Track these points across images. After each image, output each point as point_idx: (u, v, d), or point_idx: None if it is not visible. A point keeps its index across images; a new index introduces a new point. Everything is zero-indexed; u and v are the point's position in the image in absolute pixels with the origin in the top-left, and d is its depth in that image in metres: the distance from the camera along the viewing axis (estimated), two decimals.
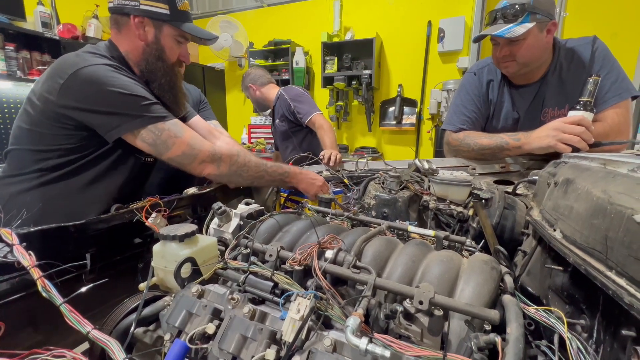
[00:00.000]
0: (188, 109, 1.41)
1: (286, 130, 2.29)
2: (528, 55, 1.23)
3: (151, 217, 0.92)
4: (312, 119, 2.07)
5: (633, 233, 0.41)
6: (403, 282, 0.58)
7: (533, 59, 1.25)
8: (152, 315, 0.62)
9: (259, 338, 0.50)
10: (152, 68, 1.12)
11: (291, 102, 2.16)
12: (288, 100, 2.16)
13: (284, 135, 2.34)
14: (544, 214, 0.72)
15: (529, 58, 1.24)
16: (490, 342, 0.44)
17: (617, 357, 0.46)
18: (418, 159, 1.25)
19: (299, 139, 2.27)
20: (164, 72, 1.13)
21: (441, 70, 3.57)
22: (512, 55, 1.24)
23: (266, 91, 2.31)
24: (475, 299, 0.53)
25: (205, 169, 1.09)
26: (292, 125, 2.25)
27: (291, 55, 3.98)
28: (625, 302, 0.39)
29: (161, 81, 1.13)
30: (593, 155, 0.68)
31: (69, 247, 0.83)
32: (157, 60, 1.11)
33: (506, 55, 1.26)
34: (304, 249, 0.63)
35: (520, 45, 1.21)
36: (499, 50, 1.27)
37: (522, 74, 1.31)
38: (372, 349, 0.42)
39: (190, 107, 1.43)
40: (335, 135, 2.03)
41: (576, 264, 0.52)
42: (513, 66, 1.27)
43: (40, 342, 0.52)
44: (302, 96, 2.18)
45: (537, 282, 0.73)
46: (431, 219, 1.04)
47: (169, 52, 1.12)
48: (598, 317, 0.52)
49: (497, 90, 1.40)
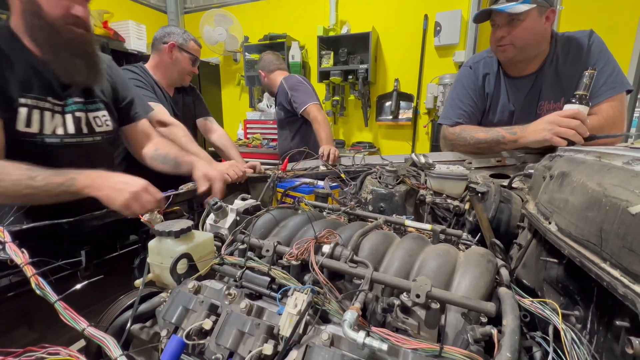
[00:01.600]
0: (138, 109, 1.27)
1: (282, 119, 2.28)
2: (525, 39, 1.23)
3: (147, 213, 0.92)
4: (306, 109, 2.02)
5: (628, 225, 0.41)
6: (400, 276, 0.58)
7: (530, 43, 1.24)
8: (149, 312, 0.62)
9: (256, 333, 0.50)
10: (31, 28, 0.95)
11: (289, 90, 2.11)
12: (286, 89, 2.12)
13: (280, 124, 2.33)
14: (539, 207, 0.72)
15: (526, 42, 1.24)
16: (487, 334, 0.45)
17: (610, 347, 0.47)
18: (415, 154, 1.25)
19: (293, 129, 2.24)
20: (46, 31, 0.95)
21: (437, 65, 3.56)
22: (510, 38, 1.24)
23: (273, 78, 2.26)
24: (472, 292, 0.53)
25: None
26: (289, 115, 2.20)
27: (287, 49, 3.95)
28: (619, 293, 0.39)
29: (41, 41, 0.97)
30: (588, 149, 0.69)
31: (64, 244, 0.82)
32: (34, 18, 0.94)
33: (504, 37, 1.25)
34: (301, 244, 0.63)
35: (519, 27, 1.21)
36: (498, 31, 1.27)
37: (518, 62, 1.31)
38: (369, 342, 0.42)
39: (141, 106, 1.29)
40: (330, 129, 2.00)
41: (571, 256, 0.52)
42: (510, 50, 1.27)
43: (36, 340, 0.52)
44: (300, 85, 2.13)
45: (533, 275, 0.74)
46: (428, 213, 1.05)
47: (47, 5, 0.93)
48: (592, 308, 0.52)
49: (494, 83, 1.40)
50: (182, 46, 1.68)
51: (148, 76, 1.65)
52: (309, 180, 1.30)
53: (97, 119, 1.13)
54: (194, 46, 1.74)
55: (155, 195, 0.90)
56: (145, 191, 0.88)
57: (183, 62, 1.71)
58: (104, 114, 1.15)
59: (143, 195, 0.87)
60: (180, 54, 1.68)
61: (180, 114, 1.76)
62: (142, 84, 1.58)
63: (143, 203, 0.86)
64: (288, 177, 1.36)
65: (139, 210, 0.85)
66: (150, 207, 0.87)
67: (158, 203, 0.91)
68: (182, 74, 1.73)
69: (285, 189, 1.25)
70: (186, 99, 1.84)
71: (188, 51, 1.70)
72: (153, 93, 1.60)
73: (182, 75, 1.73)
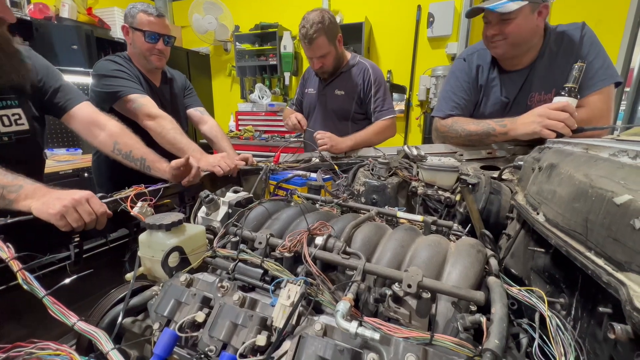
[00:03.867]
0: (71, 95, 1.17)
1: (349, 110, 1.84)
2: (518, 35, 1.23)
3: (137, 206, 0.90)
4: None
5: (613, 215, 0.43)
6: (392, 267, 0.58)
7: (522, 39, 1.25)
8: (140, 305, 0.62)
9: (250, 325, 0.50)
10: None
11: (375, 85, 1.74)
12: (373, 78, 1.75)
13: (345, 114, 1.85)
14: (528, 198, 0.74)
15: (519, 38, 1.24)
16: (476, 322, 0.46)
17: (593, 332, 0.49)
18: (407, 146, 1.26)
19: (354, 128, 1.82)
20: None
21: (430, 56, 3.56)
22: (502, 35, 1.24)
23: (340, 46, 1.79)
24: (462, 282, 0.54)
25: None
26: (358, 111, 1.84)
27: (279, 39, 3.87)
28: (603, 280, 0.41)
29: None
30: (576, 141, 0.70)
31: (51, 239, 0.81)
32: None
33: (496, 35, 1.25)
34: (293, 236, 0.63)
35: (510, 24, 1.21)
36: (490, 28, 1.27)
37: (511, 57, 1.32)
38: (362, 332, 0.42)
39: (72, 93, 1.18)
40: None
41: (558, 246, 0.53)
42: (502, 46, 1.28)
43: (25, 336, 0.51)
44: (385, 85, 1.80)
45: (520, 264, 0.76)
46: (419, 204, 1.06)
47: None
48: (577, 296, 0.54)
49: (487, 75, 1.41)
50: (132, 25, 1.47)
51: (132, 66, 1.54)
52: (302, 173, 1.30)
53: (4, 118, 1.02)
54: (144, 18, 1.46)
55: (97, 208, 0.82)
56: (86, 202, 0.80)
57: (138, 41, 1.49)
58: (15, 112, 1.05)
59: (83, 206, 0.79)
60: (134, 34, 1.48)
61: (168, 105, 1.66)
62: (127, 75, 1.47)
63: (80, 214, 0.78)
64: (280, 169, 1.36)
65: (74, 222, 0.77)
66: (89, 220, 0.79)
67: (101, 217, 0.82)
68: (146, 56, 1.51)
69: (278, 181, 1.25)
70: (174, 89, 1.73)
71: (138, 28, 1.46)
72: (139, 84, 1.50)
73: (146, 57, 1.52)
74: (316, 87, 1.93)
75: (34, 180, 0.84)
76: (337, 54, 1.75)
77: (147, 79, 1.60)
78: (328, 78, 1.85)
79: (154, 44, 1.50)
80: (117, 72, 1.46)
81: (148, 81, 1.60)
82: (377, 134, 1.74)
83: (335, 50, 1.72)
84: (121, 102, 1.42)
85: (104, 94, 1.43)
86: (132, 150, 1.17)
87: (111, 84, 1.43)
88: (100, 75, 1.45)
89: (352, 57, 1.85)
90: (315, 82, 1.94)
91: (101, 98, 1.43)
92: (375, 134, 1.74)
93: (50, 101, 1.14)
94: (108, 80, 1.43)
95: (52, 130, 3.07)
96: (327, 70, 1.79)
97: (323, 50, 1.67)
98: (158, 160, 1.16)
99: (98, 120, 1.19)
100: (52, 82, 1.14)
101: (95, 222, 0.82)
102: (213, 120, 1.80)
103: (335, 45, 1.71)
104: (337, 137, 1.61)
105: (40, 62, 1.15)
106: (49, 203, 0.77)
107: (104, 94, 1.43)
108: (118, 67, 1.48)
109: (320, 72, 1.84)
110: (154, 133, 1.39)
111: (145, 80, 1.59)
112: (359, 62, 1.82)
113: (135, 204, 0.91)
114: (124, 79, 1.45)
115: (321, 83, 1.90)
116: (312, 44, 1.64)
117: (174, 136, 1.38)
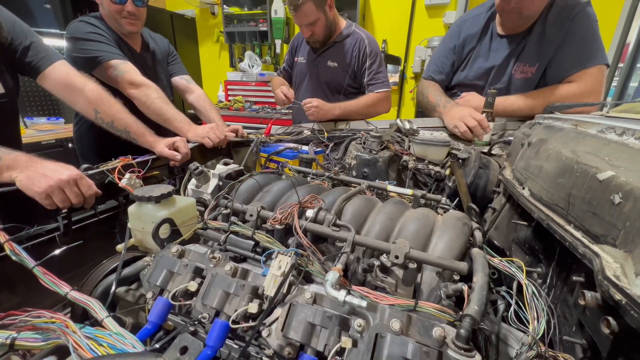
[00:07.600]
0: (44, 53, 1.07)
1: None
2: (534, 9, 1.23)
3: (125, 178, 0.89)
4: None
5: (594, 190, 0.44)
6: (381, 239, 0.60)
7: (537, 11, 1.26)
8: (133, 275, 0.62)
9: (242, 293, 0.52)
10: None
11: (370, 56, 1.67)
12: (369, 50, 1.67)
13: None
14: (515, 173, 0.75)
15: (535, 10, 1.25)
16: (458, 290, 0.48)
17: (565, 298, 0.52)
18: (400, 119, 1.25)
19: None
20: None
21: (427, 26, 3.43)
22: (516, 8, 1.24)
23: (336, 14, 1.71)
24: (447, 253, 0.56)
25: None
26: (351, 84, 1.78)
27: (269, 4, 3.65)
28: (579, 252, 0.43)
29: None
30: (566, 117, 0.70)
31: (38, 210, 0.79)
32: None
33: (514, 8, 1.24)
34: (284, 209, 0.63)
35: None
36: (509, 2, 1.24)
37: (518, 24, 1.31)
38: (350, 300, 0.44)
39: (44, 51, 1.07)
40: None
41: (539, 220, 0.55)
42: (516, 18, 1.28)
43: (18, 305, 0.52)
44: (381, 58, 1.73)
45: (503, 236, 0.79)
46: (410, 178, 1.07)
47: None
48: (553, 266, 0.57)
49: (476, 41, 1.42)
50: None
51: (109, 29, 1.41)
52: (293, 145, 1.29)
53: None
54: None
55: (85, 190, 0.78)
56: (74, 183, 0.75)
57: (105, 2, 1.35)
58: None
59: (70, 187, 0.75)
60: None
61: (151, 72, 1.54)
62: (105, 39, 1.35)
63: (67, 195, 0.74)
64: (272, 141, 1.34)
65: (60, 203, 0.73)
66: (76, 202, 0.76)
67: (89, 198, 0.79)
68: (116, 19, 1.38)
69: (269, 153, 1.23)
70: (157, 55, 1.61)
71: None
72: (118, 49, 1.37)
73: (117, 20, 1.38)
74: (307, 55, 1.84)
75: (10, 149, 0.78)
76: (327, 21, 1.64)
77: (127, 43, 1.47)
78: (320, 47, 1.76)
79: (122, 5, 1.35)
80: (94, 35, 1.34)
81: (128, 45, 1.48)
82: (368, 106, 1.69)
83: (324, 16, 1.61)
84: (101, 68, 1.31)
85: (81, 60, 1.31)
86: (113, 121, 1.12)
87: (88, 49, 1.31)
88: (75, 38, 1.32)
89: (347, 26, 1.75)
90: (306, 50, 1.84)
91: (78, 64, 1.30)
92: (366, 106, 1.69)
93: (21, 60, 1.04)
94: (85, 44, 1.31)
95: (31, 98, 2.91)
96: (317, 39, 1.69)
97: (311, 17, 1.57)
98: (142, 134, 1.12)
99: (74, 83, 1.09)
100: (22, 39, 1.04)
101: (83, 203, 0.80)
102: (200, 90, 1.72)
103: (324, 10, 1.59)
104: (325, 103, 1.57)
105: (5, 15, 1.02)
106: (34, 179, 0.73)
107: (81, 59, 1.31)
108: (94, 30, 1.35)
109: (311, 41, 1.74)
110: (139, 102, 1.31)
111: (125, 44, 1.46)
112: (354, 32, 1.73)
113: (123, 176, 0.89)
114: (102, 43, 1.33)
115: (313, 52, 1.81)
116: (298, 11, 1.54)
117: (160, 106, 1.31)
